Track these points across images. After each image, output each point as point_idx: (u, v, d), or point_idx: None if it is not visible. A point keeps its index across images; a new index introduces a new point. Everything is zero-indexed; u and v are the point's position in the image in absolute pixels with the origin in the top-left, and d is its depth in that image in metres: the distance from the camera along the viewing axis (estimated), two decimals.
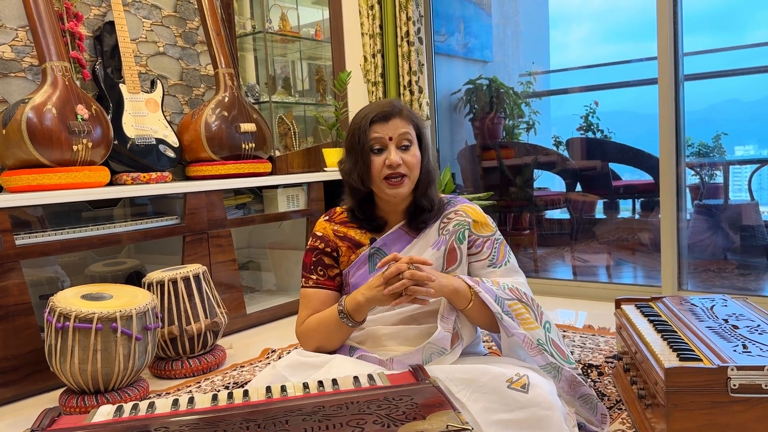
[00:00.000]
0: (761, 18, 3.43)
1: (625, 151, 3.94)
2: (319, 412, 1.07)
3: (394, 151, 1.50)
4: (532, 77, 4.24)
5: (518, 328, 1.44)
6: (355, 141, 1.53)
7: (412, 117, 1.56)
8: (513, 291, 1.50)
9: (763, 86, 3.49)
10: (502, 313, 1.44)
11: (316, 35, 3.69)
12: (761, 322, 1.55)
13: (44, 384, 2.17)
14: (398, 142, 1.51)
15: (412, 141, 1.53)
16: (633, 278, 3.74)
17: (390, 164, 1.49)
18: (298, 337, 1.57)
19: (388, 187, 1.52)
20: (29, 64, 2.61)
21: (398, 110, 1.52)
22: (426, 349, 1.41)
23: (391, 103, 1.54)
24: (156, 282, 2.29)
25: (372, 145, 1.51)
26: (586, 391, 1.50)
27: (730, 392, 1.25)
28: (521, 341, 1.44)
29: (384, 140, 1.50)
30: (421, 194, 1.57)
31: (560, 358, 1.46)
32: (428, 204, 1.57)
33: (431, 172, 1.59)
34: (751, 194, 3.46)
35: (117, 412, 1.13)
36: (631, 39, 4.02)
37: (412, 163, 1.52)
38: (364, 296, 1.43)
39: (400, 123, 1.52)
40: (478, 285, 1.46)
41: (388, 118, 1.51)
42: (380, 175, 1.51)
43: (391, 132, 1.51)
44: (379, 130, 1.51)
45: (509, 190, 4.07)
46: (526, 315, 1.47)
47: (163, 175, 2.71)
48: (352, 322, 1.46)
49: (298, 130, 3.65)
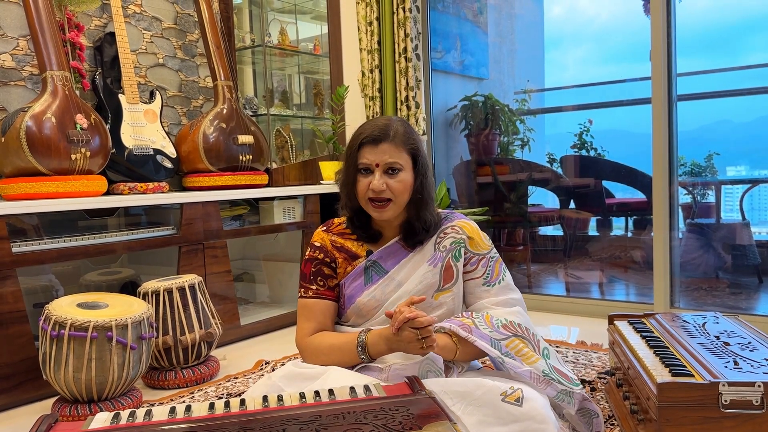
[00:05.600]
0: (753, 40, 3.48)
1: (619, 170, 3.98)
2: (315, 421, 1.07)
3: (378, 176, 1.49)
4: (527, 95, 4.29)
5: (522, 366, 1.42)
6: (347, 158, 1.56)
7: (407, 141, 1.53)
8: (507, 327, 1.48)
9: (755, 107, 3.54)
10: (502, 356, 1.42)
11: (315, 50, 3.72)
12: (752, 339, 1.57)
13: (37, 393, 2.16)
14: (385, 167, 1.50)
15: (402, 167, 1.51)
16: (625, 295, 3.76)
17: (372, 189, 1.49)
18: (301, 349, 1.56)
19: (371, 209, 1.53)
20: (29, 73, 2.62)
21: (392, 135, 1.51)
22: (423, 364, 1.42)
23: (387, 125, 1.52)
24: (151, 292, 2.29)
25: (359, 167, 1.52)
26: (590, 407, 1.49)
27: (721, 408, 1.27)
28: (528, 378, 1.42)
29: (370, 165, 1.51)
30: (415, 216, 1.56)
31: (567, 383, 1.45)
32: (420, 226, 1.57)
33: (425, 197, 1.56)
34: (742, 214, 3.50)
35: (114, 420, 1.13)
36: (625, 60, 4.07)
37: (398, 189, 1.50)
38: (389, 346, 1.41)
39: (388, 148, 1.50)
40: (471, 333, 1.44)
41: (378, 143, 1.50)
42: (364, 196, 1.53)
43: (378, 158, 1.50)
44: (367, 153, 1.51)
45: (503, 206, 4.10)
46: (525, 350, 1.45)
47: (160, 186, 2.72)
48: (369, 359, 1.46)
49: (295, 143, 3.67)
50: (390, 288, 1.55)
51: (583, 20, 4.51)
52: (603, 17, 4.45)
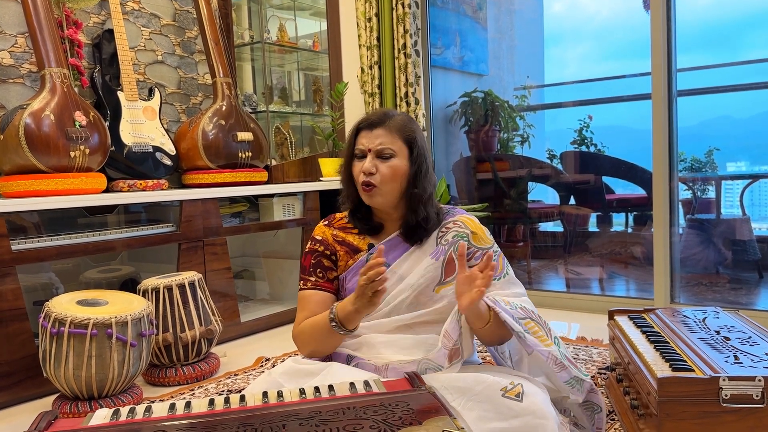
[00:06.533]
0: (753, 36, 3.48)
1: (619, 165, 3.98)
2: (315, 417, 1.07)
3: (369, 159, 1.52)
4: (526, 91, 4.28)
5: (540, 345, 1.40)
6: (347, 146, 1.59)
7: (403, 129, 1.53)
8: (523, 310, 1.48)
9: (755, 103, 3.53)
10: (525, 332, 1.40)
11: (314, 46, 3.71)
12: (752, 333, 1.57)
13: (37, 390, 2.16)
14: (376, 152, 1.52)
15: (395, 153, 1.52)
16: (625, 291, 3.76)
17: (363, 171, 1.52)
18: (294, 339, 1.58)
19: (363, 193, 1.55)
20: (28, 71, 2.62)
21: (386, 120, 1.53)
22: (422, 363, 1.41)
23: (384, 112, 1.56)
24: (151, 289, 2.29)
25: (355, 152, 1.55)
26: (595, 400, 1.48)
27: (721, 402, 1.27)
28: (545, 358, 1.39)
29: (363, 149, 1.54)
30: (413, 209, 1.54)
31: (578, 371, 1.43)
32: (420, 219, 1.55)
33: (426, 188, 1.55)
34: (742, 209, 3.50)
35: (114, 416, 1.13)
36: (625, 56, 4.07)
37: (386, 175, 1.51)
38: (354, 304, 1.41)
39: (382, 133, 1.52)
40: (497, 305, 1.42)
41: (373, 128, 1.53)
42: (358, 181, 1.55)
43: (371, 142, 1.52)
44: (362, 138, 1.54)
45: (503, 202, 4.10)
46: (540, 333, 1.45)
47: (160, 183, 2.72)
48: (344, 331, 1.46)
49: (295, 139, 3.67)
50: (392, 281, 1.55)
51: (584, 17, 4.50)
52: (603, 14, 4.45)
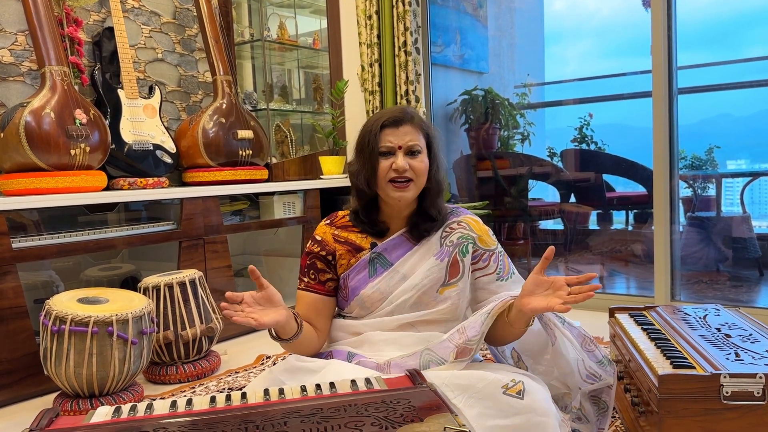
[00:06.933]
0: (753, 33, 3.48)
1: (619, 163, 3.98)
2: (317, 414, 1.07)
3: (401, 157, 1.51)
4: (527, 89, 4.28)
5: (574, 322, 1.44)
6: (365, 143, 1.54)
7: (423, 125, 1.56)
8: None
9: (755, 101, 3.53)
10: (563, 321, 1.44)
11: (314, 44, 3.71)
12: (753, 331, 1.57)
13: (38, 388, 2.17)
14: (407, 149, 1.52)
15: (422, 149, 1.54)
16: (626, 289, 3.77)
17: (396, 168, 1.50)
18: None
19: (392, 189, 1.52)
20: (28, 69, 2.61)
21: (410, 117, 1.54)
22: (424, 355, 1.41)
23: (403, 109, 1.56)
24: (152, 287, 2.29)
25: (381, 149, 1.52)
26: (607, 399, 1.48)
27: (722, 399, 1.27)
28: (574, 336, 1.43)
29: (393, 146, 1.52)
30: (429, 204, 1.57)
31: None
32: (435, 213, 1.57)
33: (440, 183, 1.59)
34: (743, 207, 3.50)
35: (115, 413, 1.13)
36: (626, 54, 4.07)
37: (420, 169, 1.52)
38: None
39: (410, 130, 1.53)
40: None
41: (399, 124, 1.52)
42: (386, 177, 1.52)
43: (400, 139, 1.52)
44: (389, 135, 1.52)
45: (504, 200, 4.10)
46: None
47: (160, 181, 2.72)
48: (281, 341, 1.50)
49: (295, 137, 3.67)
50: (395, 281, 1.55)
51: (584, 15, 4.50)
52: (603, 11, 4.45)
